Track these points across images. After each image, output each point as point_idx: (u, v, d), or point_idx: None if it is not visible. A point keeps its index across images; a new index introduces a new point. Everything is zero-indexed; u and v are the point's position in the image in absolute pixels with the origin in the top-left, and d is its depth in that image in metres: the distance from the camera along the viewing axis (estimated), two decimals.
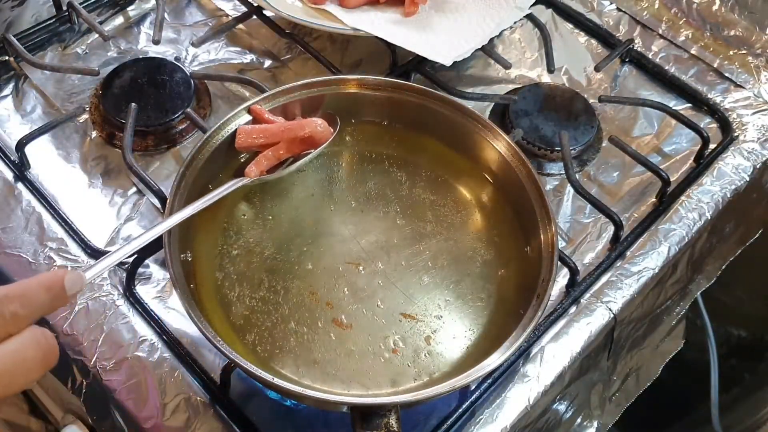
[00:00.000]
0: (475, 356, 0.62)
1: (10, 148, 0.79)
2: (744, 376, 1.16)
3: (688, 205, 0.79)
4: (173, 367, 0.66)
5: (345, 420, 0.58)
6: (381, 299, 0.65)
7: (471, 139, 0.72)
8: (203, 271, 0.65)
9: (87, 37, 0.90)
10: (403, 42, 0.83)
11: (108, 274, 0.71)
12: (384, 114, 0.74)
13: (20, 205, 0.75)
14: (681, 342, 0.88)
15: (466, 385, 0.60)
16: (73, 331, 0.67)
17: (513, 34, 0.95)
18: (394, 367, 0.62)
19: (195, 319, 0.57)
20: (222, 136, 0.69)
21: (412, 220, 0.70)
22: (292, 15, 0.85)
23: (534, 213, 0.66)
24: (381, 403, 0.57)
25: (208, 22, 0.93)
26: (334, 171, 0.73)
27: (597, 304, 0.72)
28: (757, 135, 0.85)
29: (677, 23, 0.95)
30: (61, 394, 0.78)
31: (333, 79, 0.73)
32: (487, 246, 0.69)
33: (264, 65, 0.89)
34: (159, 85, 0.83)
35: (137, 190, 0.77)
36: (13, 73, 0.86)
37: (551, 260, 0.63)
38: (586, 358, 0.71)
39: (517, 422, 0.66)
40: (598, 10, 0.97)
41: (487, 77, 0.90)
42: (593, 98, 0.87)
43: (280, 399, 0.66)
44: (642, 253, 0.75)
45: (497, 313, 0.65)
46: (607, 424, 0.82)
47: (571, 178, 0.77)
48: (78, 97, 0.84)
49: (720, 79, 0.90)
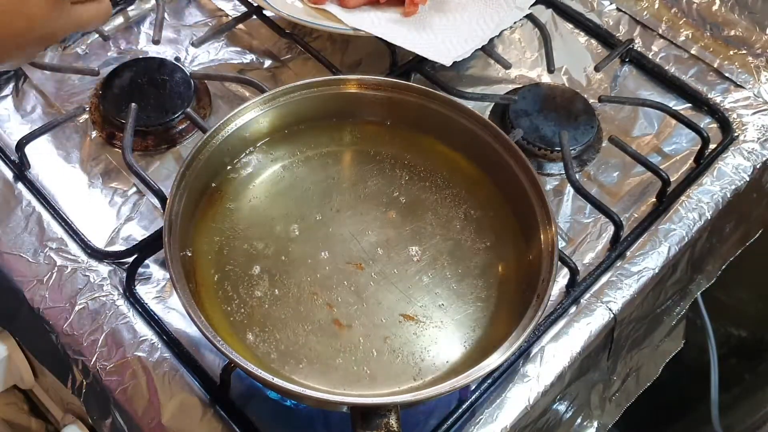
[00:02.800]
0: (475, 356, 0.62)
1: (10, 148, 0.79)
2: (744, 376, 1.16)
3: (688, 205, 0.79)
4: (173, 367, 0.66)
5: (345, 420, 0.58)
6: (381, 299, 0.65)
7: (471, 139, 0.72)
8: (203, 271, 0.65)
9: (87, 37, 0.90)
10: (403, 42, 0.83)
11: (108, 274, 0.71)
12: (384, 114, 0.74)
13: (20, 205, 0.75)
14: (681, 342, 0.88)
15: (466, 385, 0.60)
16: (73, 331, 0.67)
17: (513, 34, 0.95)
18: (394, 367, 0.62)
19: (195, 319, 0.57)
20: (222, 136, 0.69)
21: (412, 220, 0.70)
22: (292, 15, 0.85)
23: (534, 213, 0.66)
24: (381, 403, 0.57)
25: (208, 22, 0.93)
26: (334, 171, 0.73)
27: (597, 304, 0.72)
28: (757, 135, 0.85)
29: (677, 23, 0.95)
30: (61, 394, 0.79)
31: (333, 79, 0.73)
32: (487, 246, 0.69)
33: (264, 65, 0.89)
34: (159, 85, 0.83)
35: (137, 190, 0.78)
36: (13, 73, 0.86)
37: (551, 260, 0.63)
38: (586, 358, 0.71)
39: (517, 422, 0.66)
40: (598, 10, 0.97)
41: (487, 77, 0.90)
42: (593, 98, 0.87)
43: (280, 399, 0.66)
44: (642, 253, 0.75)
45: (497, 313, 0.65)
46: (607, 424, 0.82)
47: (571, 178, 0.77)
48: (78, 97, 0.84)
49: (720, 79, 0.90)
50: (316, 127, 0.74)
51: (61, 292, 0.69)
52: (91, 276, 0.70)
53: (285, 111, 0.72)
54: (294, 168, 0.72)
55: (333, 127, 0.75)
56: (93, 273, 0.71)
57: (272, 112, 0.72)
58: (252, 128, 0.71)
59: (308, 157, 0.73)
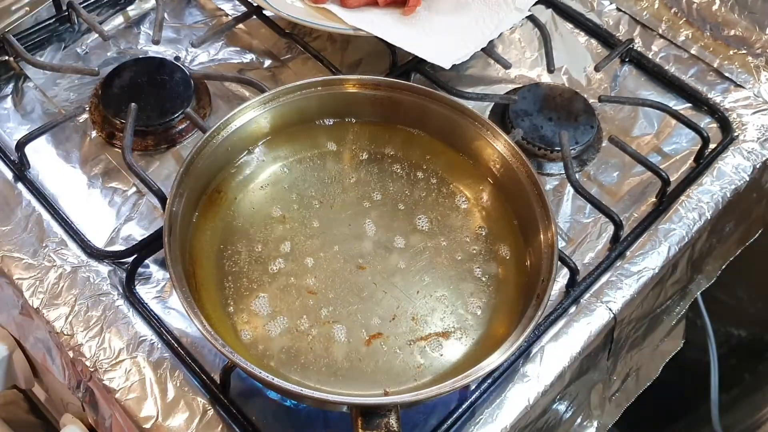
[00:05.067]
0: (475, 356, 0.62)
1: (10, 148, 0.79)
2: (744, 376, 1.16)
3: (688, 205, 0.79)
4: (173, 367, 0.66)
5: (345, 420, 0.58)
6: (381, 299, 0.65)
7: (471, 139, 0.72)
8: (203, 271, 0.65)
9: (87, 37, 0.90)
10: (402, 43, 0.83)
11: (108, 274, 0.71)
12: (384, 114, 0.74)
13: (20, 205, 0.75)
14: (681, 342, 0.88)
15: (466, 385, 0.60)
16: (73, 331, 0.67)
17: (513, 34, 0.95)
18: (394, 367, 0.62)
19: (195, 319, 0.57)
20: (222, 136, 0.69)
21: (412, 220, 0.70)
22: (292, 15, 0.85)
23: (534, 213, 0.66)
24: (381, 403, 0.57)
25: (208, 22, 0.93)
26: (333, 171, 0.73)
27: (597, 304, 0.72)
28: (757, 135, 0.85)
29: (677, 23, 0.95)
30: (61, 394, 0.79)
31: (333, 79, 0.73)
32: (487, 246, 0.69)
33: (264, 65, 0.89)
34: (159, 85, 0.83)
35: (137, 190, 0.77)
36: (13, 73, 0.86)
37: (551, 260, 0.63)
38: (586, 358, 0.71)
39: (517, 422, 0.66)
40: (598, 10, 0.97)
41: (487, 77, 0.90)
42: (593, 98, 0.87)
43: (280, 399, 0.66)
44: (642, 253, 0.75)
45: (497, 313, 0.65)
46: (607, 424, 0.82)
47: (571, 178, 0.77)
48: (78, 97, 0.84)
49: (720, 79, 0.90)
50: (315, 127, 0.74)
51: (61, 292, 0.69)
52: (90, 276, 0.70)
53: (285, 111, 0.72)
54: (294, 168, 0.72)
55: (333, 127, 0.75)
56: (93, 273, 0.71)
57: (272, 112, 0.72)
58: (252, 128, 0.71)
59: (308, 157, 0.73)
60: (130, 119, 0.78)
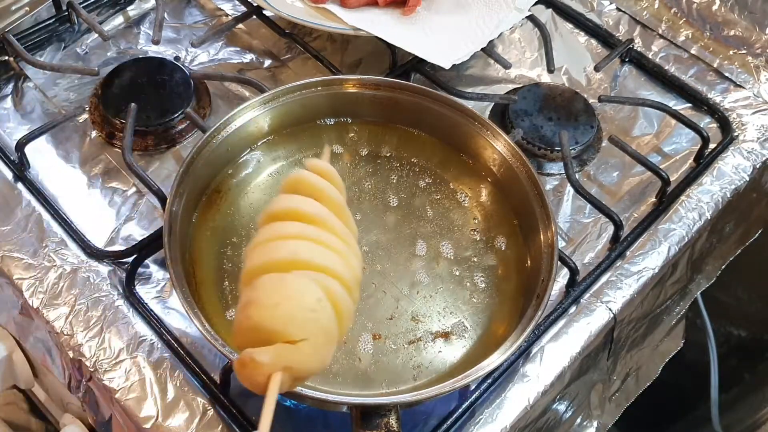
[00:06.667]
0: (475, 356, 0.62)
1: (10, 148, 0.79)
2: (744, 376, 1.16)
3: (688, 204, 0.79)
4: (173, 367, 0.66)
5: (345, 420, 0.58)
6: (380, 299, 0.65)
7: (471, 139, 0.72)
8: (203, 271, 0.65)
9: (87, 37, 0.90)
10: (402, 43, 0.83)
11: (108, 274, 0.71)
12: (384, 114, 0.74)
13: (20, 205, 0.75)
14: (681, 342, 0.88)
15: (466, 385, 0.60)
16: (73, 331, 0.67)
17: (513, 33, 0.95)
18: (394, 367, 0.62)
19: (195, 319, 0.57)
20: (222, 136, 0.69)
21: (412, 219, 0.70)
22: (292, 15, 0.85)
23: (534, 213, 0.66)
24: (381, 403, 0.57)
25: (208, 22, 0.93)
26: None
27: (597, 303, 0.72)
28: (757, 135, 0.85)
29: (677, 23, 0.95)
30: (61, 394, 0.79)
31: (333, 79, 0.73)
32: (487, 246, 0.69)
33: (264, 65, 0.89)
34: (159, 85, 0.83)
35: (137, 190, 0.77)
36: (13, 73, 0.86)
37: (551, 260, 0.63)
38: (586, 357, 0.71)
39: (517, 422, 0.66)
40: (598, 10, 0.97)
41: (487, 77, 0.90)
42: (593, 98, 0.87)
43: (280, 399, 0.66)
44: (642, 253, 0.75)
45: (497, 313, 0.65)
46: (607, 424, 0.82)
47: (571, 178, 0.77)
48: (78, 97, 0.84)
49: (720, 79, 0.90)
50: (315, 127, 0.74)
51: (61, 292, 0.69)
52: (90, 276, 0.70)
53: (285, 111, 0.72)
54: (294, 168, 0.72)
55: (333, 127, 0.75)
56: (93, 273, 0.71)
57: (272, 112, 0.72)
58: (252, 128, 0.71)
59: (308, 157, 0.73)
60: (130, 119, 0.78)
